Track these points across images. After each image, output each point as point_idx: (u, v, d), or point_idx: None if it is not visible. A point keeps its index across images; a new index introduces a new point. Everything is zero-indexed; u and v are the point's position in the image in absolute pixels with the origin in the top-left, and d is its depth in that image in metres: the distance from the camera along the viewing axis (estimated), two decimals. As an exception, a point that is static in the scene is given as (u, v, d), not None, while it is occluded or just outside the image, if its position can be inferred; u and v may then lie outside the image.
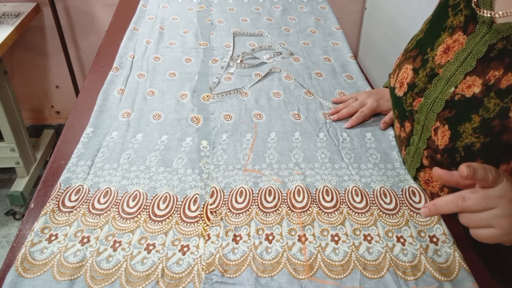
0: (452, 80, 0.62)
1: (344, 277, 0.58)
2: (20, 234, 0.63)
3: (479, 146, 0.58)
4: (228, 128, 0.84)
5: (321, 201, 0.69)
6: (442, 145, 0.63)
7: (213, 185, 0.71)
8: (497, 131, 0.55)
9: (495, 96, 0.56)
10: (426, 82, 0.66)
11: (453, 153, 0.61)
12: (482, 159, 0.58)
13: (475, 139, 0.58)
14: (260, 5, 1.37)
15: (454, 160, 0.62)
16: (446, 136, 0.62)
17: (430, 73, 0.66)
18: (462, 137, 0.59)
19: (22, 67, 1.98)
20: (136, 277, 0.57)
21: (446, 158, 0.64)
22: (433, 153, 0.66)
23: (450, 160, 0.63)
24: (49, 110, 2.15)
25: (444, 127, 0.62)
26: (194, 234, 0.63)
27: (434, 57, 0.66)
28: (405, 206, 0.69)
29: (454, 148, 0.61)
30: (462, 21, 0.64)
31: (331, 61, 1.09)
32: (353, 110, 0.86)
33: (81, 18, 1.88)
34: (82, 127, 0.82)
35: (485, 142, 0.57)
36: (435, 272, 0.59)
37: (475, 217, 0.51)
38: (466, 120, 0.59)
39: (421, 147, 0.69)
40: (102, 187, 0.70)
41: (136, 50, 1.08)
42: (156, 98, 0.92)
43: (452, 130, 0.61)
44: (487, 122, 0.56)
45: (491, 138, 0.56)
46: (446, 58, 0.64)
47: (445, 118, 0.62)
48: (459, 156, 0.61)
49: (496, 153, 0.57)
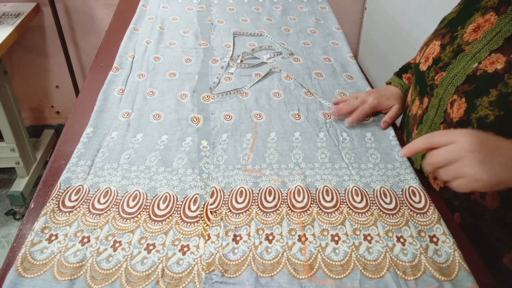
0: (476, 56, 0.64)
1: (344, 277, 0.58)
2: (20, 234, 0.63)
3: (493, 118, 0.59)
4: (228, 128, 0.84)
5: (321, 201, 0.69)
6: (457, 117, 0.65)
7: (213, 185, 0.71)
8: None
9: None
10: (451, 57, 0.68)
11: (466, 125, 0.63)
12: (493, 131, 0.58)
13: (489, 111, 0.60)
14: (260, 5, 1.37)
15: None
16: (461, 108, 0.64)
17: (456, 49, 0.68)
18: (478, 109, 0.61)
19: (22, 67, 1.98)
20: (136, 277, 0.57)
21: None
22: (448, 126, 0.68)
23: None
24: (49, 110, 2.15)
25: (461, 99, 0.64)
26: (194, 234, 0.63)
27: (463, 34, 0.68)
28: (405, 206, 0.69)
29: (468, 120, 0.63)
30: (496, 2, 0.66)
31: (331, 61, 1.09)
32: (352, 107, 0.86)
33: (81, 18, 1.88)
34: (82, 127, 0.82)
35: (499, 115, 0.59)
36: (435, 272, 0.59)
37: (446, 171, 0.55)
38: (484, 94, 0.61)
39: (437, 122, 0.70)
40: (102, 187, 0.70)
41: (136, 50, 1.08)
42: (156, 98, 0.92)
43: (469, 103, 0.63)
44: (504, 96, 0.58)
45: (505, 111, 0.58)
46: (474, 36, 0.66)
47: (464, 91, 0.64)
48: (471, 128, 0.62)
49: (507, 126, 0.58)
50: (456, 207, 0.72)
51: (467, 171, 0.53)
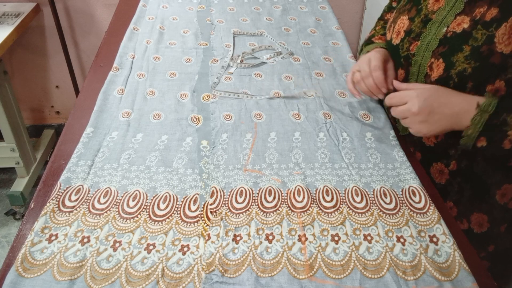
0: (444, 21, 0.74)
1: (344, 277, 0.58)
2: (20, 234, 0.63)
3: (470, 70, 0.68)
4: (228, 128, 0.84)
5: (321, 201, 0.69)
6: (436, 76, 0.74)
7: (213, 185, 0.71)
8: (485, 55, 0.66)
9: (481, 28, 0.67)
10: (421, 27, 0.77)
11: (448, 80, 0.72)
12: (473, 82, 0.69)
13: (466, 65, 0.68)
14: (260, 5, 1.37)
15: (448, 87, 0.72)
16: (440, 68, 0.73)
17: (424, 19, 0.77)
18: (456, 65, 0.70)
19: (22, 67, 1.97)
20: (136, 277, 0.57)
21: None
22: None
23: None
24: (49, 110, 2.15)
25: (439, 61, 0.73)
26: (194, 234, 0.63)
27: (427, 5, 0.77)
28: (405, 206, 0.69)
29: (448, 76, 0.72)
30: None
31: (331, 61, 1.09)
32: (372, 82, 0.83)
33: (81, 18, 1.88)
34: (82, 127, 0.82)
35: (475, 66, 0.68)
36: (435, 272, 0.59)
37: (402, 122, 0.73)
38: (458, 51, 0.70)
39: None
40: (102, 187, 0.70)
41: (136, 50, 1.08)
42: (156, 98, 0.92)
43: (446, 61, 0.72)
44: (477, 49, 0.67)
45: (480, 62, 0.67)
46: (437, 5, 0.75)
47: (440, 53, 0.73)
48: (452, 83, 0.72)
49: (484, 75, 0.67)
50: (452, 155, 0.80)
51: (412, 126, 0.71)
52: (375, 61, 0.82)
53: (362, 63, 0.85)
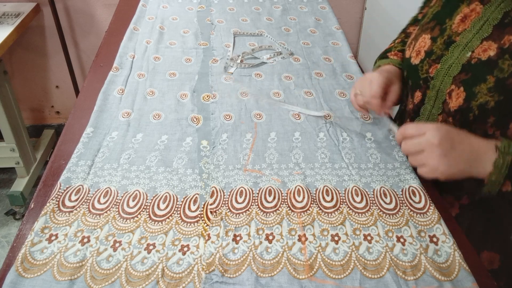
0: (469, 45, 0.67)
1: (344, 277, 0.58)
2: (20, 234, 0.63)
3: (493, 104, 0.63)
4: (228, 128, 0.84)
5: (321, 201, 0.69)
6: (456, 106, 0.67)
7: (213, 185, 0.71)
8: (511, 89, 0.60)
9: (509, 58, 0.61)
10: (443, 49, 0.71)
11: (467, 112, 0.66)
12: (495, 116, 0.63)
13: (489, 97, 0.63)
14: (260, 5, 1.37)
15: (468, 119, 0.67)
16: (460, 97, 0.66)
17: (447, 41, 0.70)
18: (477, 97, 0.64)
19: (22, 67, 1.98)
20: (136, 277, 0.57)
21: (458, 119, 0.69)
22: (446, 117, 0.71)
23: (463, 120, 0.68)
24: (49, 110, 2.15)
25: (460, 89, 0.67)
26: (194, 234, 0.63)
27: (452, 25, 0.71)
28: (405, 206, 0.69)
29: (468, 108, 0.66)
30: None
31: (331, 61, 1.09)
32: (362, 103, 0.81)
33: (81, 18, 1.88)
34: (82, 127, 0.81)
35: (499, 100, 0.62)
36: (435, 272, 0.59)
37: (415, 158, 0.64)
38: (482, 81, 0.63)
39: (435, 113, 0.73)
40: (102, 187, 0.70)
41: (136, 50, 1.08)
42: (156, 98, 0.92)
43: (468, 91, 0.65)
44: (502, 81, 0.61)
45: (505, 95, 0.61)
46: (463, 27, 0.69)
47: (461, 80, 0.67)
48: (472, 115, 0.66)
49: (508, 110, 0.62)
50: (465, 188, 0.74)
51: (429, 162, 0.61)
52: (375, 86, 0.76)
53: (363, 84, 0.80)
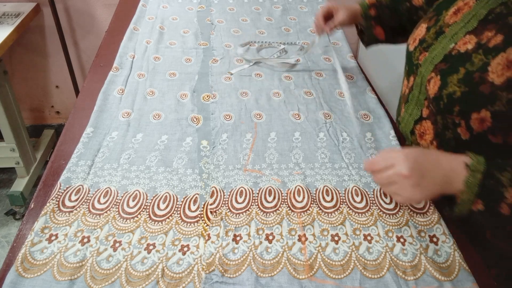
0: (454, 37, 0.70)
1: (344, 277, 0.58)
2: (20, 234, 0.63)
3: (459, 94, 0.65)
4: (228, 128, 0.84)
5: (321, 201, 0.69)
6: (432, 94, 0.70)
7: (213, 185, 0.71)
8: (476, 82, 0.63)
9: (482, 53, 0.64)
10: (434, 38, 0.74)
11: (439, 100, 0.68)
12: (460, 106, 0.65)
13: (457, 88, 0.65)
14: (260, 5, 1.37)
15: (439, 107, 0.69)
16: (436, 85, 0.69)
17: (438, 31, 0.74)
18: (448, 86, 0.67)
19: (22, 67, 1.97)
20: (136, 277, 0.57)
21: (434, 106, 0.71)
22: (428, 102, 0.73)
23: (437, 108, 0.70)
24: (49, 110, 2.15)
25: (437, 77, 0.69)
26: (194, 234, 0.63)
27: (445, 17, 0.74)
28: (405, 206, 0.69)
29: (440, 96, 0.68)
30: None
31: (331, 61, 1.09)
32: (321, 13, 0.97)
33: (81, 18, 1.88)
34: (82, 127, 0.82)
35: (464, 91, 0.64)
36: (435, 272, 0.59)
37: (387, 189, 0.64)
38: (455, 72, 0.66)
39: (422, 98, 0.76)
40: (102, 187, 0.70)
41: (136, 50, 1.08)
42: (156, 98, 0.92)
43: (442, 80, 0.68)
44: (470, 74, 0.64)
45: (470, 88, 0.64)
46: (454, 19, 0.72)
47: (440, 69, 0.69)
48: (442, 104, 0.68)
49: (471, 102, 0.64)
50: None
51: (402, 193, 0.61)
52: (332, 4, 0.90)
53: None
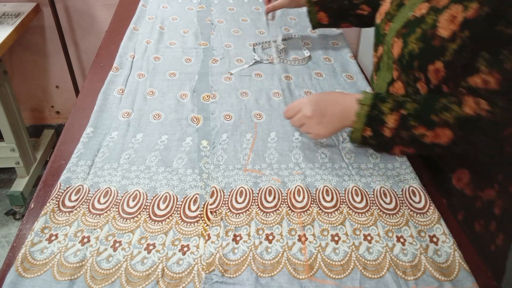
0: (413, 7, 0.78)
1: (344, 277, 0.58)
2: (20, 234, 0.63)
3: (417, 51, 0.74)
4: (228, 128, 0.84)
5: (321, 201, 0.69)
6: (396, 55, 0.79)
7: (213, 185, 0.71)
8: (429, 38, 0.72)
9: (433, 14, 0.73)
10: (396, 10, 0.83)
11: (401, 59, 0.77)
12: (418, 61, 0.74)
13: (415, 45, 0.74)
14: (260, 5, 1.37)
15: (403, 65, 0.78)
16: (399, 47, 0.78)
17: (399, 3, 0.82)
18: (408, 45, 0.76)
19: (22, 67, 1.97)
20: (136, 277, 0.57)
21: (398, 66, 0.80)
22: (395, 64, 0.82)
23: (401, 67, 0.79)
24: (49, 110, 2.15)
25: (399, 40, 0.78)
26: (194, 234, 0.63)
27: None
28: (405, 206, 0.69)
29: (402, 55, 0.77)
30: None
31: (331, 61, 1.09)
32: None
33: (81, 18, 1.88)
34: (82, 127, 0.82)
35: (421, 47, 0.73)
36: (435, 272, 0.59)
37: (301, 129, 0.77)
38: (412, 33, 0.75)
39: (391, 63, 0.84)
40: (102, 187, 0.70)
41: (136, 50, 1.08)
42: (156, 98, 0.92)
43: (404, 41, 0.77)
44: (424, 32, 0.73)
45: (424, 43, 0.73)
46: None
47: (401, 33, 0.78)
48: (404, 61, 0.77)
49: (427, 55, 0.73)
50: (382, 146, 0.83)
51: (311, 130, 0.76)
52: None
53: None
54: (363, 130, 0.73)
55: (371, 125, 0.72)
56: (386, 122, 0.71)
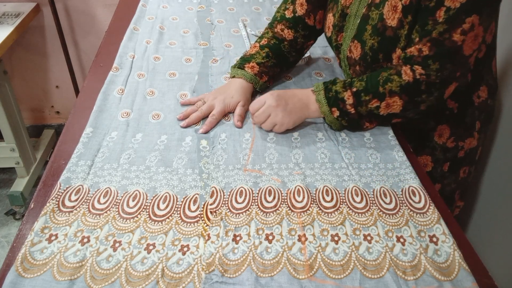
0: (357, 14, 0.86)
1: (344, 277, 0.58)
2: (20, 234, 0.63)
3: (377, 45, 0.81)
4: (226, 128, 0.84)
5: (321, 201, 0.69)
6: (358, 55, 0.86)
7: (213, 185, 0.71)
8: (382, 31, 0.79)
9: (374, 9, 0.81)
10: (342, 21, 0.89)
11: (365, 56, 0.84)
12: (382, 53, 0.81)
13: (373, 41, 0.81)
14: (260, 5, 1.37)
15: (368, 62, 0.84)
16: (358, 47, 0.85)
17: (342, 13, 0.89)
18: (366, 42, 0.83)
19: (22, 67, 1.97)
20: (136, 277, 0.57)
21: (362, 64, 0.86)
22: (354, 67, 0.89)
23: (365, 64, 0.85)
24: (49, 110, 2.15)
25: (355, 42, 0.85)
26: (194, 234, 0.63)
27: (341, 1, 0.88)
28: (405, 206, 0.69)
29: (365, 53, 0.84)
30: None
31: (331, 61, 1.09)
32: (202, 115, 0.86)
33: (81, 18, 1.88)
34: (82, 127, 0.81)
35: (378, 40, 0.81)
36: (435, 272, 0.59)
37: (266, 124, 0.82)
38: (364, 31, 0.83)
39: (347, 69, 0.93)
40: (102, 187, 0.70)
41: (136, 50, 1.08)
42: (156, 98, 0.92)
43: (360, 41, 0.84)
44: (375, 26, 0.80)
45: (380, 36, 0.80)
46: (349, 0, 0.87)
47: (353, 36, 0.86)
48: (369, 58, 0.84)
49: (387, 46, 0.80)
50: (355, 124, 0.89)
51: (277, 120, 0.81)
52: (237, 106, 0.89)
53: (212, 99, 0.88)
54: (331, 112, 0.81)
55: (335, 105, 0.81)
56: (345, 99, 0.80)
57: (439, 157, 0.95)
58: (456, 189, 1.00)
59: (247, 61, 0.94)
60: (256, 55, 0.95)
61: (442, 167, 0.96)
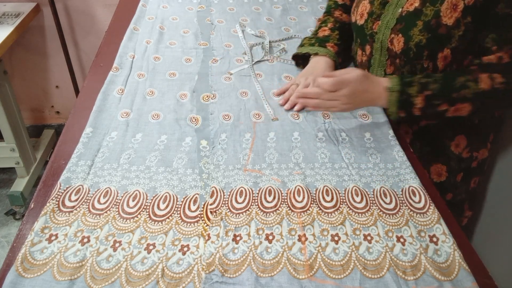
0: (399, 4, 0.86)
1: (344, 277, 0.58)
2: (20, 234, 0.63)
3: (425, 41, 0.82)
4: (226, 128, 0.84)
5: (321, 201, 0.69)
6: (399, 49, 0.86)
7: (213, 185, 0.71)
8: (434, 28, 0.80)
9: (429, 5, 0.81)
10: (381, 8, 0.89)
11: (408, 51, 0.85)
12: (428, 50, 0.82)
13: (421, 37, 0.82)
14: (260, 5, 1.37)
15: (409, 57, 0.85)
16: (401, 41, 0.85)
17: (382, 2, 0.89)
18: (413, 38, 0.83)
19: (22, 67, 1.97)
20: (136, 277, 0.57)
21: (403, 59, 0.87)
22: (393, 59, 0.89)
23: (406, 59, 0.86)
24: (49, 110, 2.15)
25: (398, 36, 0.85)
26: (194, 234, 0.63)
27: None
28: (405, 206, 0.69)
29: (408, 48, 0.85)
30: None
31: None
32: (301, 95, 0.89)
33: (81, 18, 1.88)
34: (82, 127, 0.81)
35: (428, 37, 0.81)
36: (435, 272, 0.59)
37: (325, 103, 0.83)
38: (413, 26, 0.82)
39: (383, 60, 0.92)
40: (102, 187, 0.70)
41: (136, 50, 1.08)
42: (156, 98, 0.92)
43: (405, 36, 0.84)
44: (427, 22, 0.81)
45: (431, 33, 0.81)
46: None
47: (398, 29, 0.86)
48: (412, 53, 0.84)
49: (435, 44, 0.81)
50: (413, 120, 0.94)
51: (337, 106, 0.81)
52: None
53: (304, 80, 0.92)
54: (397, 113, 0.82)
55: (404, 108, 0.81)
56: (415, 104, 0.79)
57: (454, 167, 0.94)
58: (466, 199, 0.99)
59: (325, 41, 1.00)
60: (331, 37, 1.01)
61: (456, 177, 0.96)
